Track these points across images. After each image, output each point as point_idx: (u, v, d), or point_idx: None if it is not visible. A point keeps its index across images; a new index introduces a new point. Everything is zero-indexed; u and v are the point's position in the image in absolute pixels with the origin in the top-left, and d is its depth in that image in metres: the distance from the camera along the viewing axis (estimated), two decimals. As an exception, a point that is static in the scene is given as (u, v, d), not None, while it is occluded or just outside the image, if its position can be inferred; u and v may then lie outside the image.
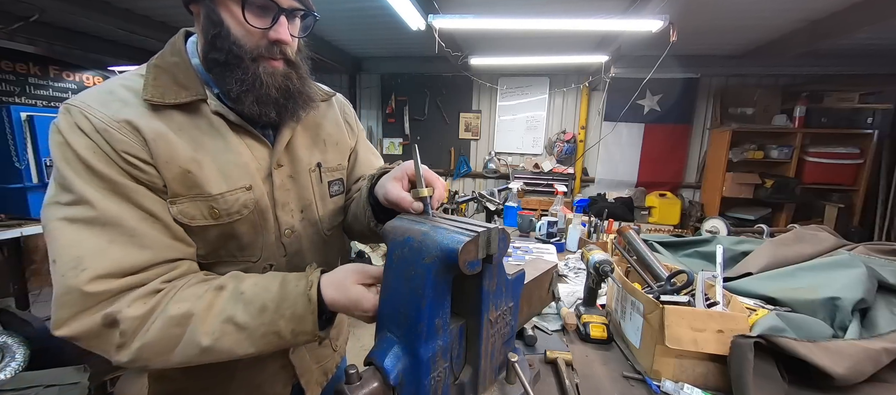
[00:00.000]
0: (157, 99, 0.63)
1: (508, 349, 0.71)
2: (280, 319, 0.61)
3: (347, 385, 0.51)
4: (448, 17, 2.53)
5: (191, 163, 0.64)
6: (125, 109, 0.61)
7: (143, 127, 0.61)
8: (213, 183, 0.66)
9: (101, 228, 0.57)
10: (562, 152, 4.83)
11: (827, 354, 0.81)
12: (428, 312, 0.53)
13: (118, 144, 0.59)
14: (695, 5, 2.75)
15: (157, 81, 0.64)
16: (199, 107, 0.67)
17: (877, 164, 4.09)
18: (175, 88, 0.64)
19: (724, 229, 2.32)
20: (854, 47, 3.59)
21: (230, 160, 0.68)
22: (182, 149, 0.63)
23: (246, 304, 0.60)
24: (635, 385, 0.87)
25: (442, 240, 0.53)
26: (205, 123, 0.67)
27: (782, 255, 1.37)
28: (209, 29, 0.64)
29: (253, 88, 0.66)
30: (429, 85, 5.05)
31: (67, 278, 0.54)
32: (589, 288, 1.17)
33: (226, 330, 0.59)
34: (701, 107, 4.57)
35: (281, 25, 0.66)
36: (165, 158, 0.62)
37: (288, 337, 0.61)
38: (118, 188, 0.59)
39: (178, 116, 0.65)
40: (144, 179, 0.61)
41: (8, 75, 3.96)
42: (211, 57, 0.65)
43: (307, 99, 0.74)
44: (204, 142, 0.66)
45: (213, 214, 0.67)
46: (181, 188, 0.64)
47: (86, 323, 0.55)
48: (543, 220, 2.08)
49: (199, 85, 0.66)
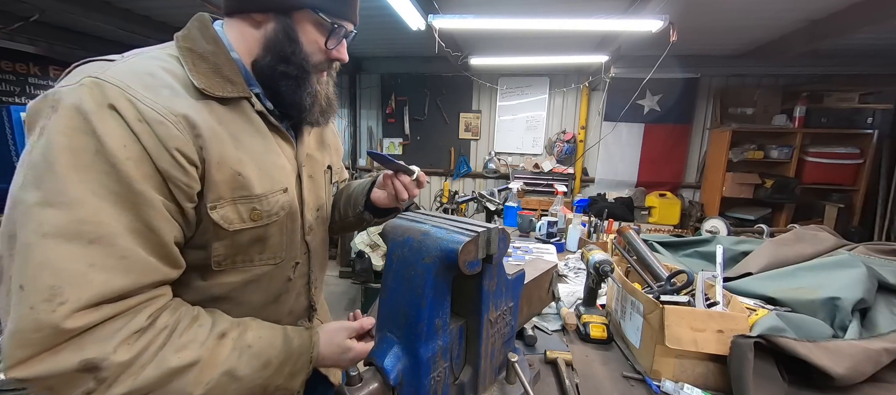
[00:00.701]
0: (208, 90, 0.59)
1: (508, 349, 0.71)
2: (278, 376, 0.62)
3: (348, 386, 0.51)
4: (448, 17, 2.52)
5: (238, 163, 0.61)
6: (177, 98, 0.55)
7: (199, 122, 0.56)
8: (258, 184, 0.64)
9: (86, 245, 0.47)
10: (562, 152, 4.83)
11: (827, 354, 0.81)
12: (428, 312, 0.53)
13: (171, 141, 0.52)
14: (695, 5, 2.75)
15: (198, 68, 0.60)
16: (240, 103, 0.64)
17: (877, 164, 4.09)
18: (219, 80, 0.61)
19: (724, 229, 2.33)
20: (854, 47, 3.59)
21: (271, 162, 0.67)
22: (230, 147, 0.60)
23: (251, 358, 0.59)
24: (635, 385, 0.87)
25: (442, 240, 0.53)
26: (245, 121, 0.65)
27: (782, 255, 1.37)
28: (285, 45, 0.65)
29: (317, 101, 0.71)
30: (429, 85, 5.05)
31: (39, 312, 0.44)
32: (589, 288, 1.17)
33: (221, 382, 0.56)
34: (701, 107, 4.56)
35: (344, 47, 0.72)
36: (217, 158, 0.58)
37: (270, 390, 0.62)
38: (130, 195, 0.50)
39: (218, 108, 0.61)
40: (181, 183, 0.55)
41: (8, 75, 3.96)
42: (281, 71, 0.66)
43: (336, 106, 0.81)
44: (245, 140, 0.64)
45: (253, 216, 0.64)
46: (227, 191, 0.60)
47: (57, 365, 0.46)
48: (543, 220, 2.08)
49: (243, 82, 0.65)
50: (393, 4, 2.42)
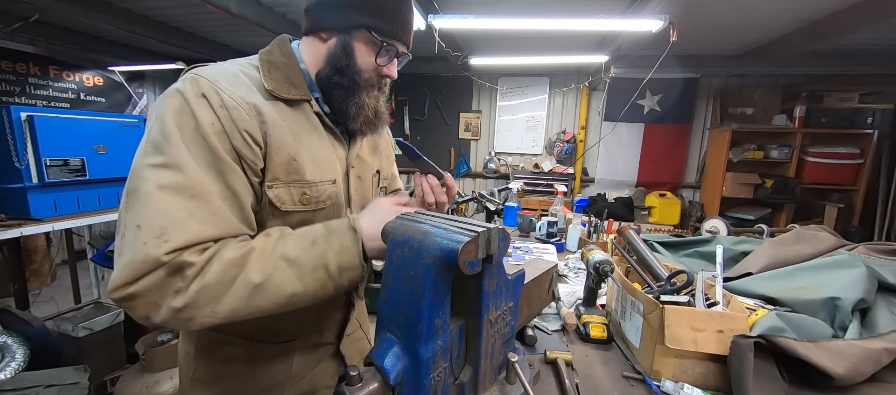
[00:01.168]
0: (277, 92, 0.71)
1: (508, 349, 0.71)
2: (328, 251, 0.66)
3: (348, 386, 0.51)
4: (448, 17, 2.52)
5: (294, 151, 0.71)
6: (251, 94, 0.68)
7: (265, 113, 0.68)
8: (309, 172, 0.74)
9: (188, 198, 0.59)
10: (562, 152, 4.83)
11: (827, 354, 0.81)
12: (428, 312, 0.53)
13: (242, 123, 0.64)
14: (695, 5, 2.75)
15: (272, 75, 0.72)
16: (302, 105, 0.76)
17: (877, 164, 4.09)
18: (287, 85, 0.73)
19: (724, 229, 2.32)
20: (854, 47, 3.59)
21: (323, 156, 0.77)
22: (289, 137, 0.71)
23: (296, 239, 0.66)
24: (635, 385, 0.87)
25: (442, 240, 0.53)
26: (305, 120, 0.76)
27: (782, 255, 1.37)
28: (341, 58, 0.76)
29: (362, 111, 0.80)
30: (429, 85, 5.05)
31: (149, 247, 0.55)
32: (589, 288, 1.17)
33: (278, 266, 0.62)
34: (701, 107, 4.57)
35: (393, 65, 0.82)
36: (277, 143, 0.69)
37: (335, 272, 0.66)
38: (219, 163, 0.62)
39: (284, 108, 0.73)
40: (248, 159, 0.66)
41: (8, 75, 3.96)
42: (335, 81, 0.77)
43: (386, 120, 0.88)
44: (302, 135, 0.74)
45: (303, 200, 0.74)
46: (283, 173, 0.70)
47: (150, 280, 0.56)
48: (543, 220, 2.08)
49: (306, 87, 0.77)
50: (393, 4, 2.41)
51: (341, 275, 0.67)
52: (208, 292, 0.58)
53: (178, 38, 3.67)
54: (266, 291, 0.61)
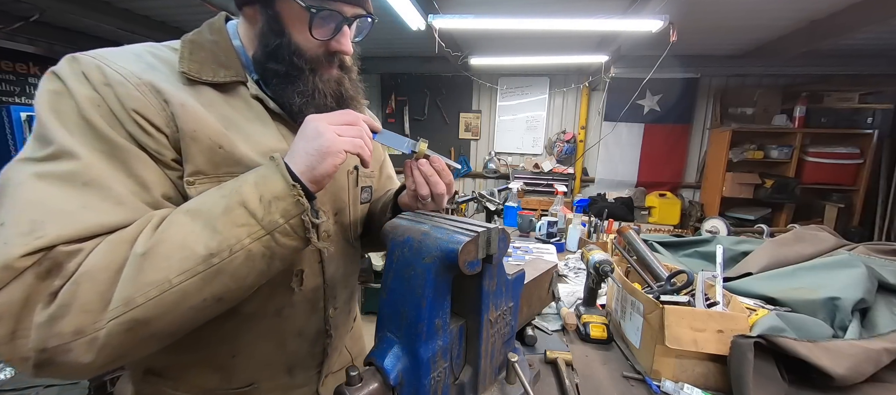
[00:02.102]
0: (194, 74, 0.58)
1: (508, 349, 0.71)
2: (242, 185, 0.51)
3: (348, 386, 0.51)
4: (448, 17, 2.52)
5: (222, 137, 0.57)
6: (151, 72, 0.55)
7: (168, 92, 0.54)
8: (247, 158, 0.59)
9: (80, 187, 0.46)
10: (562, 152, 4.83)
11: (827, 354, 0.81)
12: (428, 312, 0.53)
13: (129, 101, 0.51)
14: (695, 5, 2.75)
15: (194, 56, 0.60)
16: (236, 89, 0.63)
17: (877, 164, 4.09)
18: (214, 66, 0.61)
19: (724, 229, 2.33)
20: (854, 47, 3.59)
21: (267, 145, 0.62)
22: (212, 122, 0.57)
23: (199, 198, 0.53)
24: (635, 385, 0.87)
25: (442, 240, 0.53)
26: (241, 105, 0.63)
27: (782, 255, 1.37)
28: (269, 38, 0.62)
29: (312, 99, 0.64)
30: (429, 85, 5.05)
31: (12, 247, 0.42)
32: (589, 288, 1.17)
33: (175, 220, 0.49)
34: (701, 107, 4.57)
35: (343, 36, 0.65)
36: (191, 127, 0.54)
37: (258, 209, 0.50)
38: (116, 150, 0.50)
39: (210, 93, 0.60)
40: (150, 147, 0.52)
41: (8, 75, 3.96)
42: (269, 67, 0.63)
43: (357, 104, 0.71)
44: (238, 122, 0.61)
45: None
46: (207, 165, 0.56)
47: (11, 293, 0.42)
48: (543, 220, 2.08)
49: (240, 67, 0.64)
50: (393, 4, 2.42)
51: (270, 210, 0.50)
52: (88, 283, 0.43)
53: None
54: (162, 255, 0.45)
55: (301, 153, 0.55)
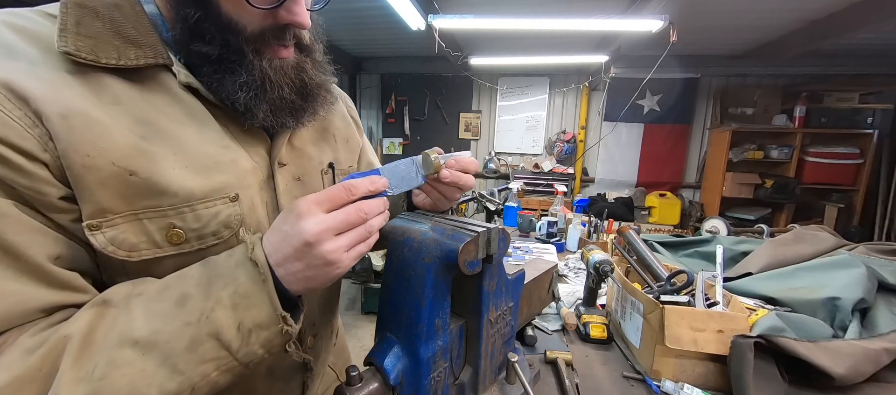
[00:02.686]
0: (86, 55, 0.39)
1: (508, 349, 0.71)
2: (215, 307, 0.38)
3: (348, 386, 0.51)
4: (448, 17, 2.53)
5: (136, 157, 0.40)
6: (9, 60, 0.37)
7: (38, 95, 0.37)
8: (179, 184, 0.43)
9: None
10: (562, 152, 4.83)
11: (827, 354, 0.81)
12: (428, 312, 0.53)
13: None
14: (695, 5, 2.75)
15: (83, 26, 0.40)
16: (156, 77, 0.45)
17: (877, 164, 4.09)
18: (116, 41, 0.41)
19: (724, 229, 2.33)
20: (854, 47, 3.59)
21: (210, 156, 0.46)
22: (119, 135, 0.40)
23: (148, 302, 0.38)
24: (635, 385, 0.87)
25: (442, 240, 0.53)
26: (166, 100, 0.45)
27: (782, 255, 1.37)
28: (186, 7, 0.44)
29: (263, 93, 0.47)
30: (429, 85, 5.05)
31: None
32: (589, 288, 1.17)
33: (119, 359, 0.35)
34: (701, 107, 4.57)
35: (295, 2, 0.46)
36: (85, 149, 0.38)
37: (234, 340, 0.39)
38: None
39: (116, 84, 0.42)
40: (21, 187, 0.37)
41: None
42: (196, 49, 0.45)
43: (325, 92, 0.56)
44: (163, 127, 0.43)
45: (172, 238, 0.43)
46: (115, 199, 0.40)
47: None
48: (543, 220, 2.08)
49: (158, 43, 0.44)
50: (393, 4, 2.42)
51: (249, 341, 0.40)
52: None
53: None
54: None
55: (296, 272, 0.42)
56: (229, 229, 0.47)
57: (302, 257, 0.41)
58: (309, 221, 0.41)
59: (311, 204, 0.42)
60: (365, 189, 0.46)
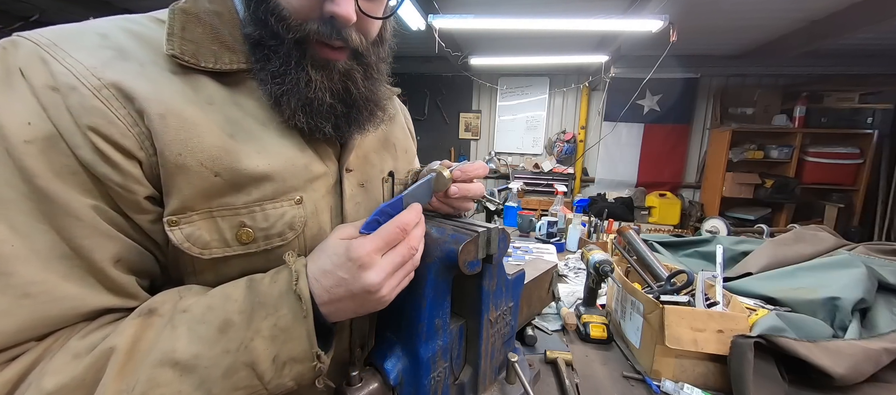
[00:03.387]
0: (189, 58, 0.42)
1: (508, 349, 0.71)
2: (255, 337, 0.39)
3: (348, 386, 0.51)
4: (448, 17, 2.53)
5: (221, 157, 0.42)
6: (118, 63, 0.39)
7: (143, 95, 0.39)
8: (255, 181, 0.45)
9: None
10: (562, 152, 4.83)
11: (827, 354, 0.81)
12: (428, 312, 0.53)
13: (86, 116, 0.36)
14: (695, 5, 2.75)
15: (187, 32, 0.43)
16: (246, 81, 0.47)
17: (877, 164, 4.09)
18: (214, 47, 0.44)
19: (724, 229, 2.33)
20: (854, 47, 3.59)
21: (286, 156, 0.47)
22: (208, 135, 0.42)
23: (192, 323, 0.38)
24: (635, 385, 0.87)
25: (442, 240, 0.53)
26: (253, 104, 0.47)
27: (782, 255, 1.37)
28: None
29: (295, 90, 0.46)
30: (429, 85, 5.05)
31: None
32: (589, 288, 1.17)
33: (157, 379, 0.35)
34: (701, 107, 4.57)
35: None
36: (176, 149, 0.40)
37: (268, 372, 0.40)
38: (42, 201, 0.35)
39: (211, 85, 0.44)
40: (113, 184, 0.38)
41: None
42: (251, 35, 0.46)
43: (376, 107, 0.54)
44: (247, 126, 0.45)
45: (241, 237, 0.44)
46: (197, 198, 0.41)
47: None
48: (543, 220, 2.08)
49: (248, 50, 0.47)
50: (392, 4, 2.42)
51: (281, 373, 0.40)
52: None
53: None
54: None
55: (346, 310, 0.44)
56: (293, 230, 0.48)
57: (358, 299, 0.43)
58: (371, 273, 0.42)
59: (371, 253, 0.43)
60: (413, 223, 0.47)
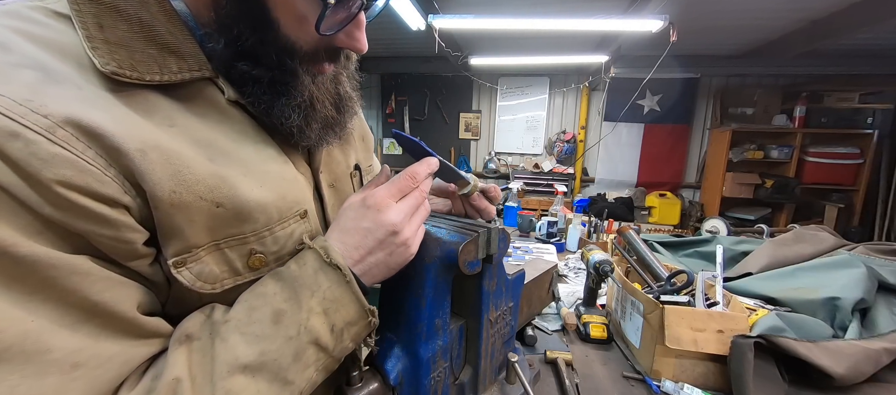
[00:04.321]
0: (129, 72, 0.34)
1: (508, 349, 0.71)
2: (310, 317, 0.39)
3: (348, 386, 0.51)
4: (448, 17, 2.53)
5: (219, 186, 0.37)
6: (52, 88, 0.30)
7: (109, 131, 0.31)
8: (259, 208, 0.40)
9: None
10: (562, 152, 4.83)
11: (827, 354, 0.81)
12: (428, 312, 0.53)
13: (47, 169, 0.28)
14: (695, 5, 2.75)
15: (108, 33, 0.33)
16: (201, 91, 0.40)
17: (877, 164, 4.09)
18: (151, 49, 0.35)
19: (724, 229, 2.33)
20: (854, 47, 3.59)
21: (273, 173, 0.43)
22: (195, 164, 0.36)
23: (242, 326, 0.38)
24: (635, 385, 0.87)
25: (442, 240, 0.53)
26: (215, 117, 0.40)
27: (782, 255, 1.37)
28: (241, 28, 0.38)
29: (313, 112, 0.45)
30: (429, 85, 5.05)
31: None
32: (589, 288, 1.17)
33: (234, 389, 0.35)
34: (701, 107, 4.57)
35: (358, 28, 0.43)
36: (169, 186, 0.34)
37: (330, 342, 0.41)
38: (34, 272, 0.29)
39: (161, 102, 0.37)
40: (103, 239, 0.32)
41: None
42: (244, 70, 0.40)
43: (354, 103, 0.55)
44: (220, 145, 0.39)
45: (253, 263, 0.42)
46: (202, 233, 0.37)
47: None
48: (543, 220, 2.08)
49: (198, 51, 0.39)
50: (393, 4, 2.42)
51: (342, 339, 0.42)
52: None
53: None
54: None
55: (379, 261, 0.45)
56: (301, 246, 0.46)
57: (385, 246, 0.44)
58: (390, 212, 0.44)
59: (385, 197, 0.45)
60: (424, 174, 0.49)
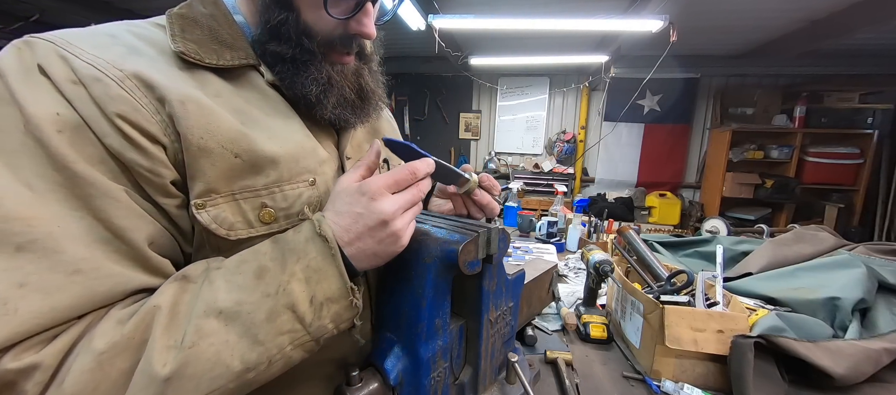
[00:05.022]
0: (193, 55, 0.46)
1: (508, 349, 0.71)
2: (291, 280, 0.41)
3: (348, 386, 0.51)
4: (448, 17, 2.53)
5: (239, 139, 0.45)
6: (134, 57, 0.42)
7: (162, 85, 0.41)
8: (273, 161, 0.47)
9: (12, 253, 0.34)
10: (562, 152, 4.83)
11: (827, 354, 0.81)
12: (428, 312, 0.53)
13: (114, 105, 0.38)
14: (695, 5, 2.75)
15: (188, 34, 0.47)
16: (247, 75, 0.51)
17: (877, 164, 4.09)
18: (215, 45, 0.48)
19: (724, 229, 2.33)
20: (854, 47, 3.59)
21: (295, 141, 0.51)
22: (224, 120, 0.44)
23: (228, 274, 0.41)
24: (635, 385, 0.87)
25: (442, 240, 0.53)
26: (256, 96, 0.51)
27: (782, 255, 1.37)
28: (272, 12, 0.49)
29: (330, 88, 0.53)
30: (429, 85, 5.05)
31: None
32: (589, 288, 1.17)
33: (205, 328, 0.38)
34: (701, 107, 4.57)
35: (366, 15, 0.53)
36: (198, 133, 0.42)
37: (307, 313, 0.42)
38: (75, 184, 0.37)
39: (215, 81, 0.48)
40: (141, 169, 0.40)
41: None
42: (271, 49, 0.50)
43: (379, 99, 0.62)
44: (255, 117, 0.49)
45: (264, 217, 0.47)
46: (220, 180, 0.44)
47: None
48: (543, 220, 2.08)
49: (248, 47, 0.51)
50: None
51: (320, 314, 0.43)
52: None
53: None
54: (189, 377, 0.36)
55: (367, 248, 0.46)
56: (310, 210, 0.51)
57: (375, 234, 0.46)
58: (384, 202, 0.46)
59: (380, 187, 0.47)
60: (423, 172, 0.51)
